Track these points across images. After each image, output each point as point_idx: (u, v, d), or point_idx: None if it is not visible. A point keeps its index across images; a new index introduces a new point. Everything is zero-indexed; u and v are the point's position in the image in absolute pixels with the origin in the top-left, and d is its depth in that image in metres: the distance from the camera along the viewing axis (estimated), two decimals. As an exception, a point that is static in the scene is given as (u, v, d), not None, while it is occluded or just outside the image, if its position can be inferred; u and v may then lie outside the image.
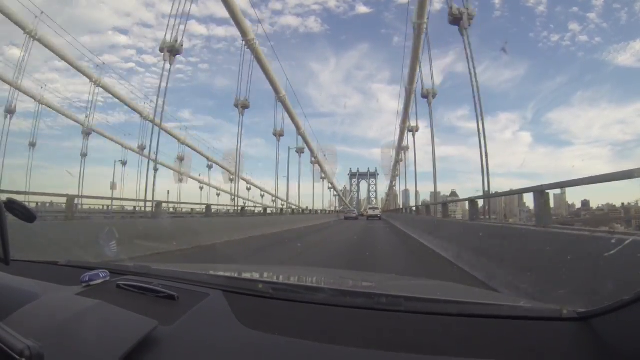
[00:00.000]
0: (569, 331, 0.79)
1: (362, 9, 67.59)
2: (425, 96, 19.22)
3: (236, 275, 1.57)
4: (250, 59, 18.89)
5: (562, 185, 4.14)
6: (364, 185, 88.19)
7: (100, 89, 25.18)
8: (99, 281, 1.09)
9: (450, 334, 0.80)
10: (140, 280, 1.09)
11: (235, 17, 16.87)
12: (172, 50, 14.52)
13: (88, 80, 24.68)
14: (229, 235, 9.72)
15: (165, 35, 14.54)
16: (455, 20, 12.75)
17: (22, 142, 25.57)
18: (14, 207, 0.84)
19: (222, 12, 16.65)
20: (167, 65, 14.46)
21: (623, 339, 0.72)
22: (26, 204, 0.90)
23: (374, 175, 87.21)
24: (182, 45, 14.79)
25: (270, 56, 21.04)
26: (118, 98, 27.26)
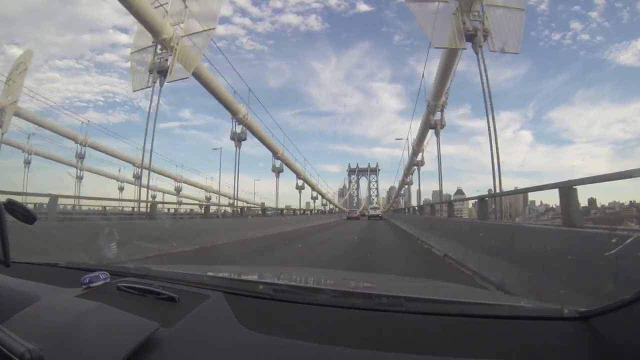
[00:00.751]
0: (570, 331, 0.79)
1: (363, 7, 67.40)
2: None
3: (237, 276, 1.57)
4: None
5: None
6: (363, 182, 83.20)
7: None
8: (99, 283, 1.09)
9: (451, 334, 0.80)
10: (140, 281, 1.09)
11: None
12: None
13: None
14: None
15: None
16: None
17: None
18: (14, 208, 0.84)
19: (223, 9, 14.66)
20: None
21: (624, 338, 0.72)
22: (26, 205, 0.90)
23: (374, 171, 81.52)
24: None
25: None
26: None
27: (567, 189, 3.74)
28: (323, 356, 0.74)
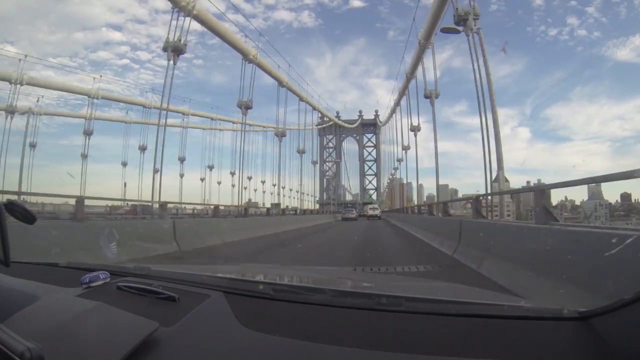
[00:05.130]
0: (570, 331, 0.79)
1: (356, 3, 66.53)
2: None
3: (236, 276, 1.57)
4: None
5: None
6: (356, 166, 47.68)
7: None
8: (99, 282, 1.09)
9: (451, 334, 0.80)
10: (140, 281, 1.09)
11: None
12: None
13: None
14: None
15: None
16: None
17: (18, 140, 25.48)
18: (14, 209, 0.83)
19: (216, 6, 14.99)
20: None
21: (623, 338, 0.72)
22: (26, 205, 0.90)
23: (374, 125, 42.99)
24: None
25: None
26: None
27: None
28: (323, 356, 0.74)
